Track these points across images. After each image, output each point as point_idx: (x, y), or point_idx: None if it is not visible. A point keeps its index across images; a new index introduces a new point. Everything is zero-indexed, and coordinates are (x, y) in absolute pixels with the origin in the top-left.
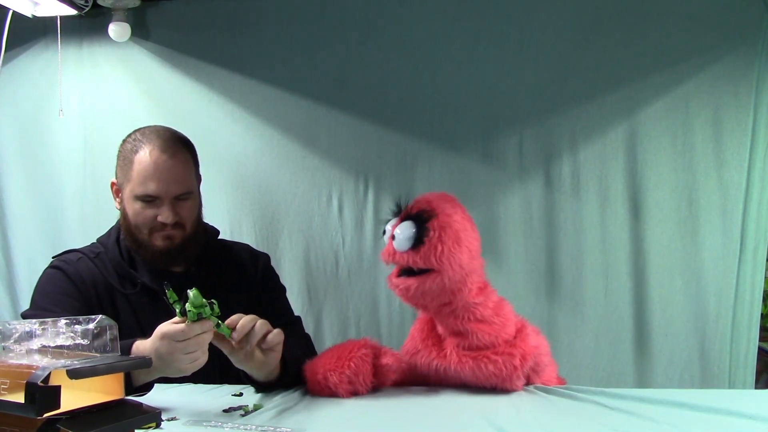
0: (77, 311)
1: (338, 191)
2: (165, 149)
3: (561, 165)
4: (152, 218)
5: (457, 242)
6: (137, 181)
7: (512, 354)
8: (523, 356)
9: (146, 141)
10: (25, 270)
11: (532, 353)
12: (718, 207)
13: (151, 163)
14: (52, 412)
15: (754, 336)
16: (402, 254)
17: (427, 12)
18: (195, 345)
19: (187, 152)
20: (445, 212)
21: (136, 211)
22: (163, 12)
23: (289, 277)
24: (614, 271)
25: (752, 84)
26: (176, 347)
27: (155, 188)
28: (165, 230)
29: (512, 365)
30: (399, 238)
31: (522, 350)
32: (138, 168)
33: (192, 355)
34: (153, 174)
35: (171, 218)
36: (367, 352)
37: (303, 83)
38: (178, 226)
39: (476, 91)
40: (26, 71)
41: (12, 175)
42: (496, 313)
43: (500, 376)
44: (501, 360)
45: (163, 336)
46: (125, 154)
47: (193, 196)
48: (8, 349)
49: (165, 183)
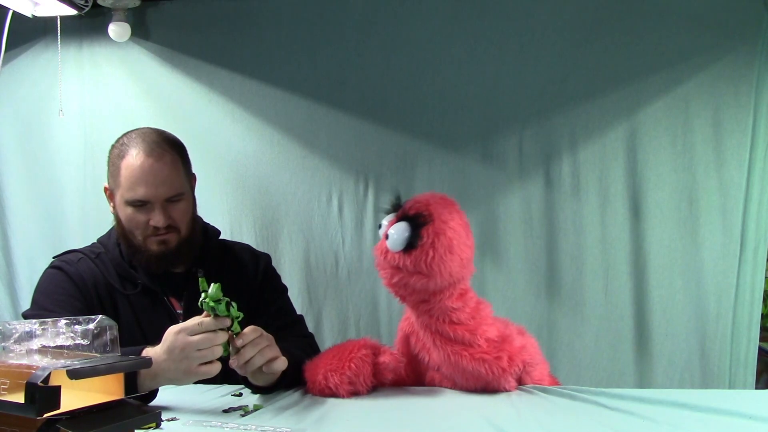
0: (78, 311)
1: (338, 191)
2: (150, 152)
3: (561, 165)
4: (145, 223)
5: (449, 250)
6: (126, 186)
7: (499, 357)
8: (510, 357)
9: (131, 145)
10: (25, 270)
11: (518, 353)
12: (718, 207)
13: (137, 167)
14: (52, 412)
15: (755, 336)
16: (393, 254)
17: (427, 12)
18: (208, 342)
19: (175, 153)
20: (442, 218)
21: (129, 217)
22: (163, 12)
23: (288, 277)
24: (614, 271)
25: (752, 84)
26: (189, 341)
27: (144, 192)
28: (159, 234)
29: (500, 367)
30: (393, 238)
31: (508, 352)
32: (125, 173)
33: (203, 353)
34: (140, 178)
35: (163, 221)
36: (367, 352)
37: (303, 83)
38: (173, 229)
39: (476, 91)
40: (26, 71)
41: (12, 175)
42: (472, 316)
43: (488, 378)
44: (488, 363)
45: (180, 330)
46: (113, 160)
47: (185, 197)
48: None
49: (153, 186)
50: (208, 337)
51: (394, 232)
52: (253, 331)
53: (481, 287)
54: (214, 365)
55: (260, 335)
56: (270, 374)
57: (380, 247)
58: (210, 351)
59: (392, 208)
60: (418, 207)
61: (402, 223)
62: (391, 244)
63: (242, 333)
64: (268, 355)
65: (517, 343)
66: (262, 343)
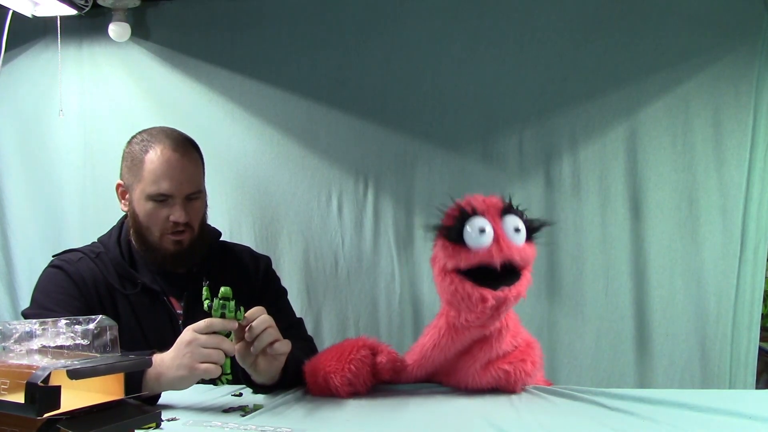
0: (78, 311)
1: (338, 191)
2: (176, 148)
3: (561, 165)
4: (164, 218)
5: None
6: (149, 180)
7: (524, 360)
8: (533, 362)
9: (156, 141)
10: (25, 270)
11: (540, 358)
12: (718, 207)
13: (163, 161)
14: (52, 412)
15: (755, 336)
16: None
17: (427, 12)
18: (214, 342)
19: (196, 152)
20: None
21: (148, 212)
22: (163, 12)
23: (288, 278)
24: (614, 271)
25: (752, 84)
26: (196, 337)
27: (168, 186)
28: (176, 232)
29: (524, 371)
30: (521, 231)
31: (532, 357)
32: (150, 167)
33: (209, 352)
34: (166, 172)
35: (183, 217)
36: (367, 353)
37: (303, 83)
38: (188, 227)
39: (476, 91)
40: (26, 71)
41: (12, 175)
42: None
43: (510, 381)
44: (512, 368)
45: (188, 328)
46: (134, 155)
47: (202, 196)
48: (8, 349)
49: (178, 181)
50: (215, 337)
51: (516, 224)
52: (259, 309)
53: None
54: (214, 366)
55: (265, 312)
56: (270, 363)
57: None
58: (215, 352)
59: (462, 214)
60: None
61: (512, 216)
62: (520, 237)
63: (250, 311)
64: (273, 334)
65: (538, 351)
66: (269, 322)
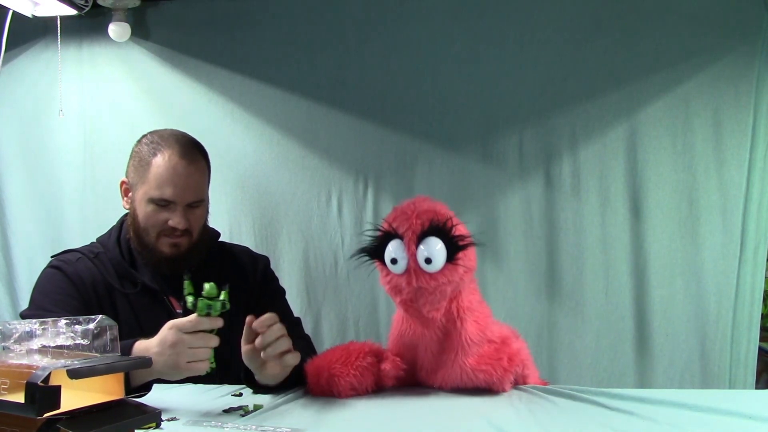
0: (76, 311)
1: (338, 191)
2: (184, 155)
3: (561, 165)
4: (163, 222)
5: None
6: (153, 184)
7: (499, 358)
8: (510, 357)
9: (166, 145)
10: (25, 270)
11: (517, 354)
12: (718, 207)
13: (170, 167)
14: (52, 412)
15: (755, 336)
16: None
17: (427, 12)
18: (201, 341)
19: (204, 160)
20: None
21: (147, 214)
22: (163, 12)
23: (288, 278)
24: (614, 271)
25: (752, 84)
26: (182, 338)
27: (171, 193)
28: (173, 236)
29: (502, 368)
30: (433, 261)
31: (508, 353)
32: (156, 171)
33: (195, 352)
34: (171, 179)
35: (182, 224)
36: (373, 361)
37: (303, 83)
38: (187, 233)
39: (476, 91)
40: (26, 71)
41: (12, 175)
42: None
43: (493, 381)
44: (490, 367)
45: (173, 326)
46: (142, 156)
47: (204, 204)
48: (8, 349)
49: (181, 189)
50: (201, 336)
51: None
52: (272, 317)
53: (481, 287)
54: (202, 363)
55: (279, 321)
56: (278, 369)
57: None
58: (201, 351)
59: (385, 233)
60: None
61: (433, 238)
62: (435, 265)
63: (263, 317)
64: (286, 344)
65: (515, 345)
66: (282, 331)
